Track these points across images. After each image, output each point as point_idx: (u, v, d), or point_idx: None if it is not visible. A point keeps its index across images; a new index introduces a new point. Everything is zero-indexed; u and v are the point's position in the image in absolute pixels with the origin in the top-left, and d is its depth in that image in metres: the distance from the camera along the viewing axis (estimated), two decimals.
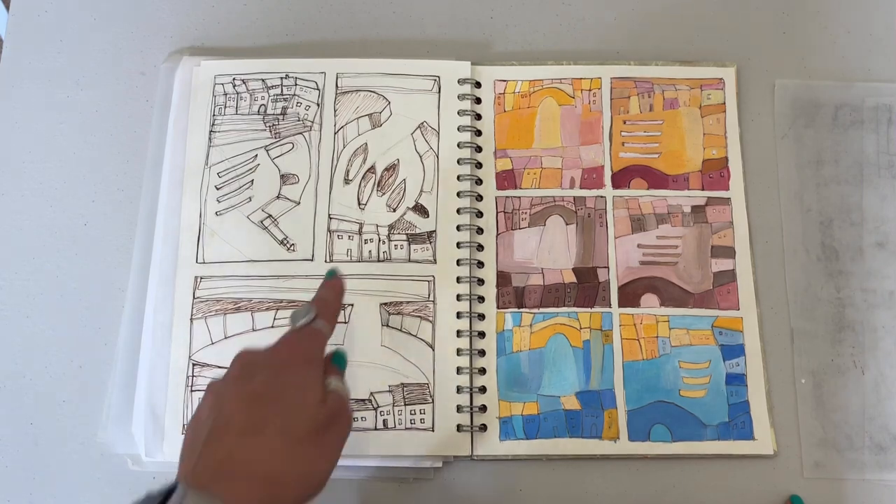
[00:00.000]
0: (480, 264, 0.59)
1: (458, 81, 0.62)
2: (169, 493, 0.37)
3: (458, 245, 0.59)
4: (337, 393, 0.42)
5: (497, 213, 0.60)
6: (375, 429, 0.55)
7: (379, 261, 0.58)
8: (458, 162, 0.61)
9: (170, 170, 0.60)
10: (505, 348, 0.57)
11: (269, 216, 0.59)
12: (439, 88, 0.62)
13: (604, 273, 0.59)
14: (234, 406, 0.39)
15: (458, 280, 0.58)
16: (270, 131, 0.61)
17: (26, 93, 0.64)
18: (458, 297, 0.58)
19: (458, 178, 0.60)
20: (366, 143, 0.61)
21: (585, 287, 0.59)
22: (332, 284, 0.48)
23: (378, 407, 0.55)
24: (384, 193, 0.60)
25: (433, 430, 0.55)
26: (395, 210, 0.60)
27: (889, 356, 0.58)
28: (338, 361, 0.46)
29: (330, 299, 0.47)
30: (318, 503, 0.54)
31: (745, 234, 0.60)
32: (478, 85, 0.63)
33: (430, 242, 0.59)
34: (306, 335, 0.44)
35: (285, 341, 0.43)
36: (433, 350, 0.57)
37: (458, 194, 0.60)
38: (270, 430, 0.38)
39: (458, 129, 0.61)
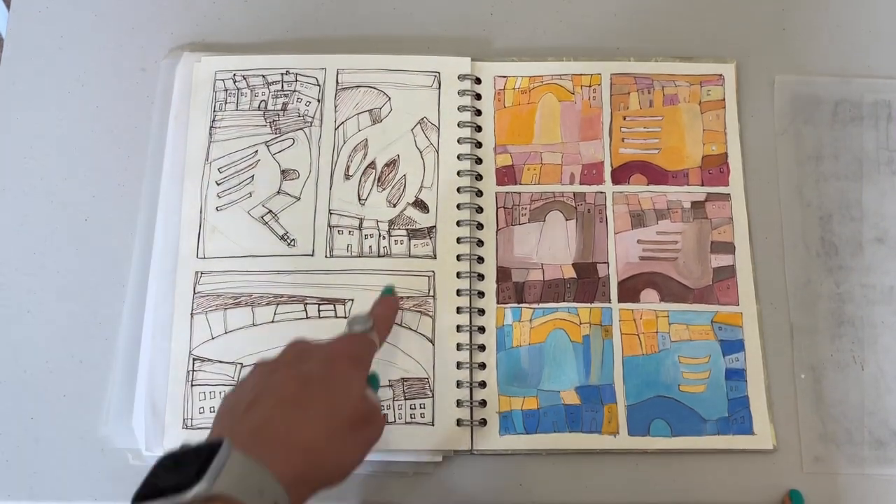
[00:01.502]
0: (480, 260, 0.59)
1: (459, 77, 0.62)
2: (210, 449, 0.35)
3: (458, 240, 0.59)
4: (373, 399, 0.45)
5: (497, 208, 0.60)
6: None
7: (379, 256, 0.59)
8: (458, 157, 0.61)
9: (170, 165, 0.60)
10: (505, 343, 0.58)
11: (270, 211, 0.59)
12: (439, 84, 0.62)
13: (603, 268, 0.59)
14: (283, 380, 0.41)
15: (458, 275, 0.58)
16: (271, 127, 0.61)
17: (27, 89, 0.64)
18: (458, 293, 0.58)
19: (458, 173, 0.60)
20: (366, 139, 0.61)
21: (585, 282, 0.59)
22: (389, 302, 0.52)
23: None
24: (384, 189, 0.60)
25: (433, 425, 0.55)
26: (395, 205, 0.60)
27: (888, 352, 0.58)
28: (372, 381, 0.49)
29: (386, 316, 0.50)
30: (320, 499, 0.55)
31: (745, 229, 0.60)
32: (478, 81, 0.63)
33: (430, 238, 0.59)
34: (360, 340, 0.46)
35: (341, 339, 0.46)
36: (433, 345, 0.57)
37: (458, 190, 0.60)
38: (315, 409, 0.40)
39: (458, 124, 0.61)
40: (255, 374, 0.43)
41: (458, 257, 0.58)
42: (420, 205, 0.60)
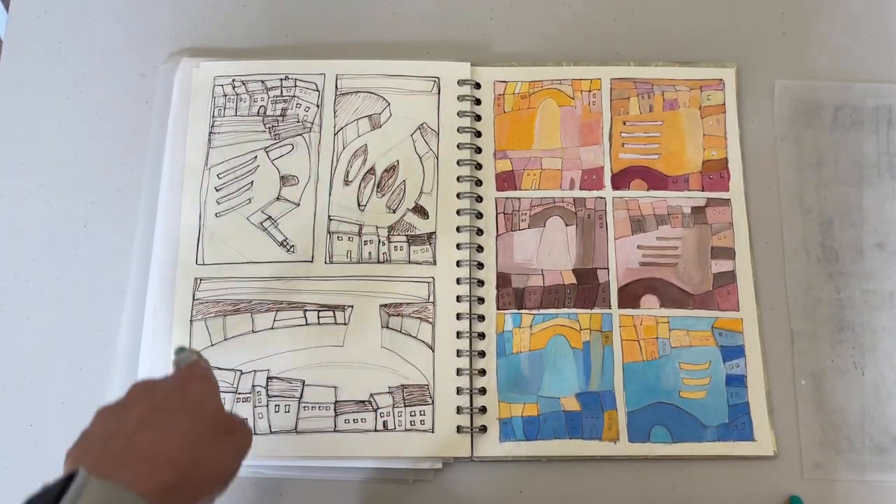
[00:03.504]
0: (480, 265, 0.59)
1: (458, 82, 0.62)
2: (66, 480, 0.35)
3: (458, 246, 0.59)
4: (234, 412, 0.45)
5: (497, 214, 0.60)
6: (375, 430, 0.55)
7: (379, 262, 0.58)
8: (457, 163, 0.61)
9: (169, 171, 0.60)
10: (505, 349, 0.57)
11: (269, 217, 0.59)
12: (439, 90, 0.62)
13: (604, 274, 0.59)
14: (137, 411, 0.41)
15: (458, 281, 0.58)
16: (270, 133, 0.61)
17: (25, 94, 0.64)
18: (458, 299, 0.58)
19: (458, 179, 0.60)
20: (365, 145, 0.61)
21: (585, 288, 0.59)
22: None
23: (378, 408, 0.55)
24: (384, 195, 0.60)
25: (433, 432, 0.55)
26: (394, 211, 0.60)
27: (889, 357, 0.58)
28: None
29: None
30: None
31: (745, 235, 0.60)
32: (477, 86, 0.63)
33: (430, 244, 0.59)
34: (197, 365, 0.46)
35: (179, 371, 0.45)
36: (433, 351, 0.57)
37: (458, 195, 0.60)
38: (174, 426, 0.40)
39: (458, 130, 0.61)
40: (101, 417, 0.42)
41: (458, 263, 0.58)
42: (420, 210, 0.60)
